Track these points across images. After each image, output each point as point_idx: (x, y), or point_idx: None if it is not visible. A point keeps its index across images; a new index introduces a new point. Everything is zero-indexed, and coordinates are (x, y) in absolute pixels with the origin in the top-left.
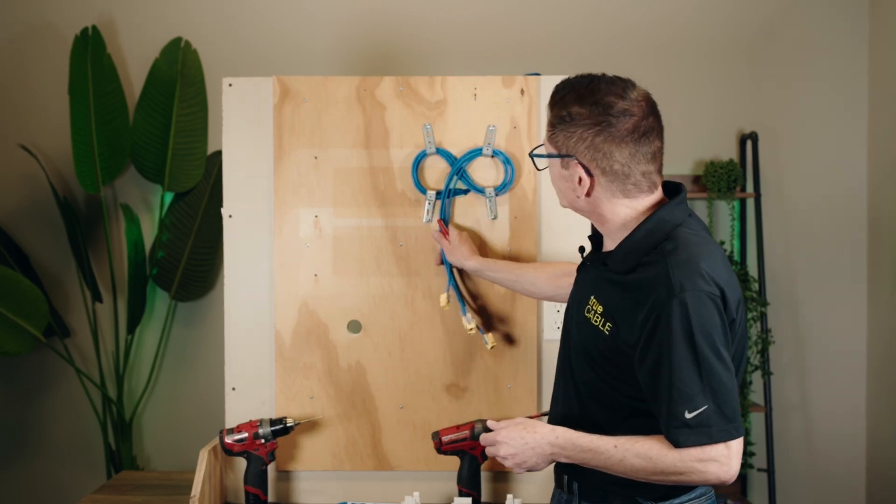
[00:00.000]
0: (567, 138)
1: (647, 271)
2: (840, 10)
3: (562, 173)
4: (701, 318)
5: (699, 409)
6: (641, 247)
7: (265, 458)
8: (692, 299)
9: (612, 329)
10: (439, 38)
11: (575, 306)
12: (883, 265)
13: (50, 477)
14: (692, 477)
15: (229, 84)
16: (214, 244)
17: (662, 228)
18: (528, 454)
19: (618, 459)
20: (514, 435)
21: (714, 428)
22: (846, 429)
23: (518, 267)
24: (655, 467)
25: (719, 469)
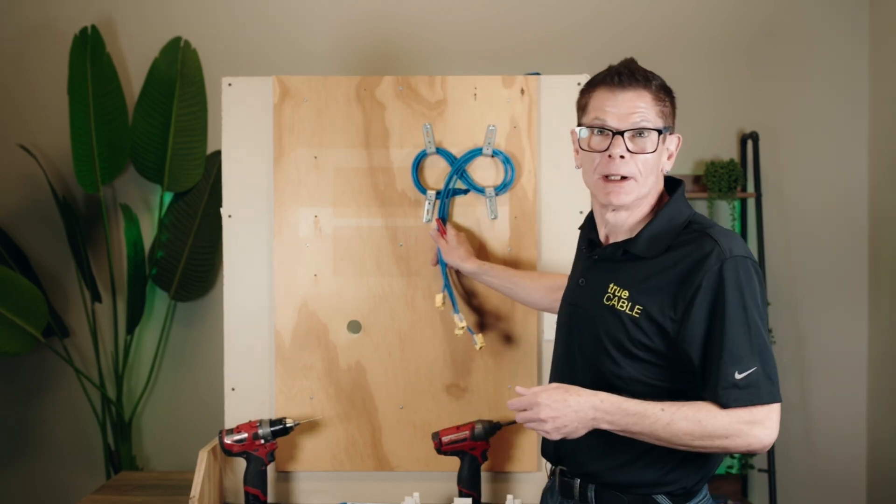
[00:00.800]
0: (674, 109)
1: (689, 247)
2: (840, 10)
3: (660, 148)
4: (750, 280)
5: (749, 370)
6: (666, 231)
7: (265, 459)
8: (742, 263)
9: (641, 311)
10: (439, 37)
11: (589, 299)
12: (883, 265)
13: (49, 477)
14: (737, 441)
15: (229, 84)
16: (214, 244)
17: (680, 216)
18: (571, 417)
19: (665, 423)
20: (557, 397)
21: (762, 389)
22: (846, 429)
23: (514, 275)
24: (704, 430)
25: (762, 432)
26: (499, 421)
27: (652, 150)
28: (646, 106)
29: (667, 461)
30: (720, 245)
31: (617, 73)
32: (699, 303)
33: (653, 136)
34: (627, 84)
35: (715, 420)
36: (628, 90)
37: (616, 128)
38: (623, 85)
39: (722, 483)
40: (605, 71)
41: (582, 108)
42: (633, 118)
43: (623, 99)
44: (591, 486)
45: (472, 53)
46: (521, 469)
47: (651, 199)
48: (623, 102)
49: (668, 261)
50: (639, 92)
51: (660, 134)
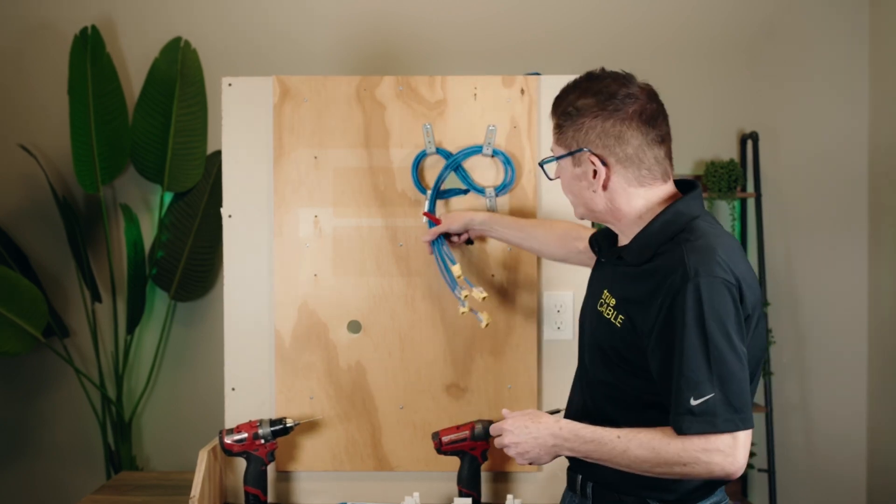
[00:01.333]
0: (577, 131)
1: (664, 259)
2: (840, 10)
3: (574, 173)
4: (714, 303)
5: (705, 397)
6: (658, 238)
7: (265, 459)
8: (706, 284)
9: (624, 322)
10: (439, 37)
11: (590, 302)
12: (883, 265)
13: (49, 477)
14: (696, 469)
15: (229, 84)
16: (214, 244)
17: (679, 220)
18: (531, 444)
19: (621, 450)
20: (519, 424)
21: (719, 417)
22: (846, 429)
23: (527, 224)
24: (658, 457)
25: (724, 460)
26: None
27: (552, 177)
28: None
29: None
30: (687, 264)
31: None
32: (661, 322)
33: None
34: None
35: (669, 448)
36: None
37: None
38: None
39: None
40: None
41: None
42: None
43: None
44: (589, 483)
45: (472, 53)
46: (521, 469)
47: (625, 214)
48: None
49: (648, 271)
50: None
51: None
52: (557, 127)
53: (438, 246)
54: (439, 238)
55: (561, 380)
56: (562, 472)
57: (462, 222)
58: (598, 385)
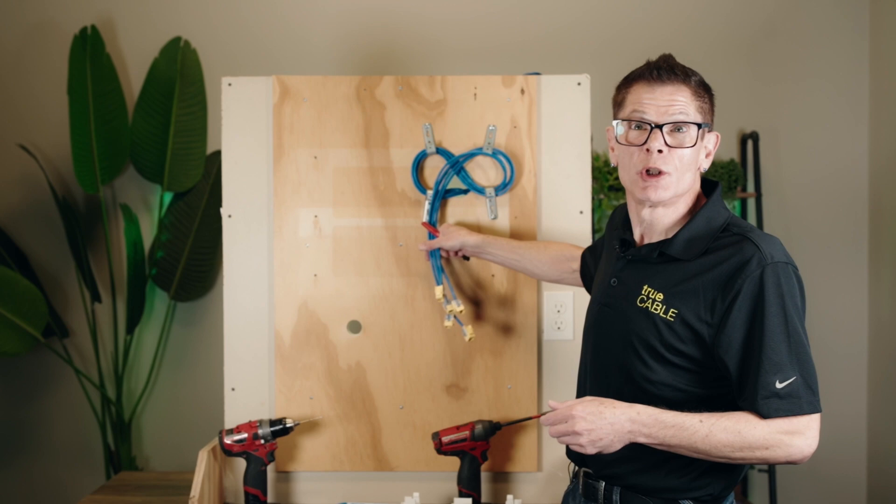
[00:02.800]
0: (712, 106)
1: (728, 250)
2: (840, 10)
3: (699, 146)
4: (791, 287)
5: (789, 380)
6: (705, 233)
7: (265, 459)
8: (782, 269)
9: (676, 315)
10: (439, 36)
11: (621, 300)
12: (884, 265)
13: (49, 477)
14: (777, 452)
15: (229, 84)
16: (214, 244)
17: (718, 218)
18: (606, 430)
19: (703, 434)
20: (592, 409)
21: (803, 400)
22: (846, 429)
23: (520, 246)
24: (743, 441)
25: (803, 443)
26: (499, 421)
27: (691, 144)
28: (685, 100)
29: (693, 467)
30: (761, 250)
31: (656, 67)
32: (738, 309)
33: (692, 131)
34: (666, 78)
35: (755, 431)
36: (667, 84)
37: (655, 121)
38: (662, 79)
39: None
40: (642, 66)
41: (619, 104)
42: (672, 112)
43: (662, 93)
44: (616, 488)
45: (472, 53)
46: (521, 469)
47: (688, 198)
48: (662, 96)
49: (705, 264)
50: (678, 86)
51: (699, 129)
52: (698, 95)
53: (433, 258)
54: (436, 249)
55: (561, 380)
56: (563, 472)
57: (457, 241)
58: (641, 380)
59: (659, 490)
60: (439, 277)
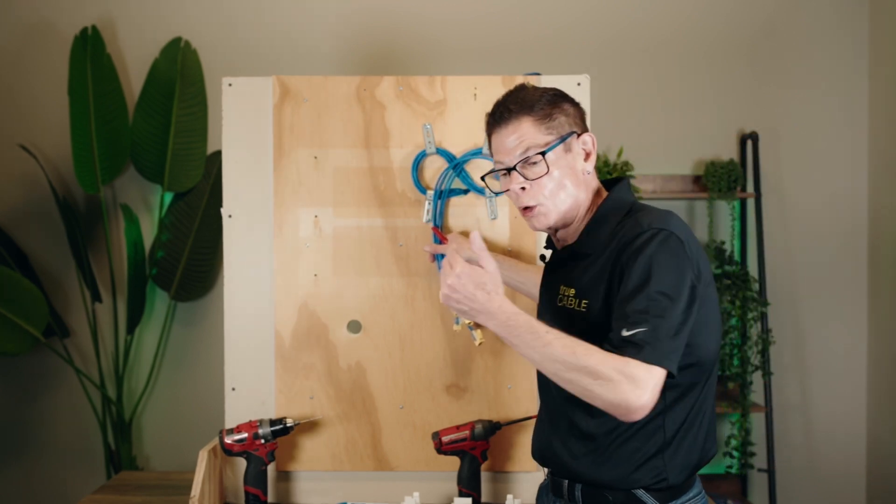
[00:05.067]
0: (566, 115)
1: (622, 233)
2: (840, 11)
3: (567, 160)
4: (665, 251)
5: (637, 329)
6: (606, 223)
7: (265, 459)
8: (660, 235)
9: (588, 304)
10: (439, 36)
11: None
12: (883, 265)
13: (50, 477)
14: (604, 388)
15: (229, 84)
16: (214, 244)
17: (619, 207)
18: (466, 303)
19: (544, 343)
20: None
21: (646, 349)
22: (846, 429)
23: (525, 269)
24: (577, 362)
25: (632, 391)
26: (499, 421)
27: (543, 172)
28: (528, 133)
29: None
30: (641, 223)
31: (493, 114)
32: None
33: (541, 160)
34: (504, 121)
35: (589, 357)
36: (507, 126)
37: (508, 165)
38: (500, 123)
39: (722, 483)
40: (488, 115)
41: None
42: (517, 151)
43: (504, 135)
44: (577, 485)
45: (472, 53)
46: (521, 469)
47: (583, 204)
48: (506, 139)
49: (606, 252)
50: (517, 123)
51: (544, 154)
52: (544, 117)
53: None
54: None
55: None
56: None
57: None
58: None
59: (614, 482)
60: None
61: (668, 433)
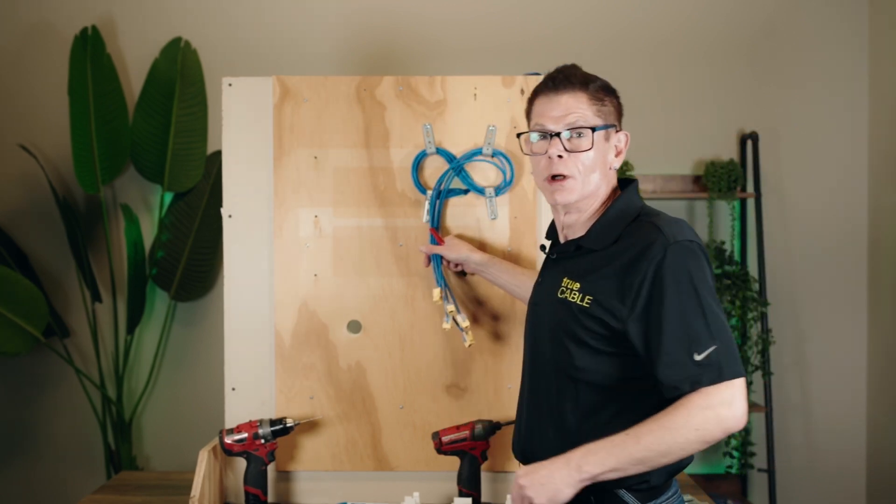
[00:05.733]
0: (615, 108)
1: (635, 236)
2: (840, 11)
3: (604, 146)
4: (698, 264)
5: (708, 350)
6: (617, 223)
7: (265, 459)
8: (686, 247)
9: (591, 301)
10: (439, 36)
11: (545, 297)
12: (883, 265)
13: (49, 477)
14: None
15: (229, 84)
16: (214, 244)
17: (629, 210)
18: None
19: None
20: (529, 471)
21: (725, 368)
22: (846, 429)
23: (521, 273)
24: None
25: (729, 411)
26: (499, 421)
27: (588, 147)
28: (581, 106)
29: None
30: (663, 232)
31: (552, 78)
32: (647, 290)
33: (588, 135)
34: (562, 88)
35: (675, 418)
36: (563, 94)
37: (553, 130)
38: (558, 89)
39: (722, 483)
40: (544, 78)
41: (527, 116)
42: (567, 119)
43: (558, 102)
44: None
45: (472, 53)
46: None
47: (601, 196)
48: (558, 105)
49: (616, 251)
50: (574, 94)
51: (594, 132)
52: (597, 99)
53: (435, 262)
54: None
55: None
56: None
57: (460, 256)
58: (561, 370)
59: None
60: (439, 280)
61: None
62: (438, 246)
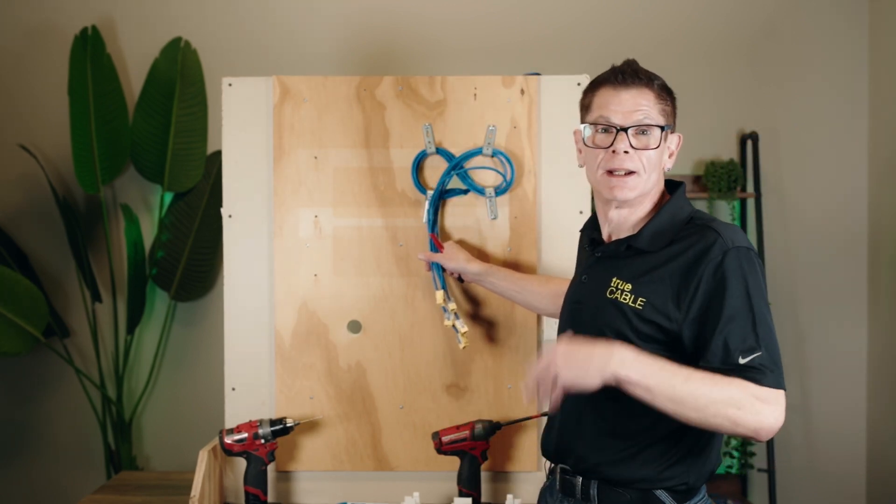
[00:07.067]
0: (675, 109)
1: (691, 239)
2: (840, 11)
3: (663, 146)
4: (753, 270)
5: (752, 355)
6: (669, 226)
7: (265, 459)
8: (744, 253)
9: (644, 303)
10: (439, 36)
11: (590, 295)
12: (883, 265)
13: (49, 477)
14: (746, 415)
15: (229, 84)
16: (214, 244)
17: (682, 213)
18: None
19: (684, 377)
20: (572, 342)
21: (766, 375)
22: (846, 429)
23: (521, 279)
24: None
25: (772, 413)
26: (499, 421)
27: (655, 145)
28: (648, 104)
29: (666, 456)
30: (722, 236)
31: (621, 72)
32: (703, 293)
33: (655, 133)
34: (630, 83)
35: (730, 386)
36: (631, 88)
37: (620, 124)
38: (626, 83)
39: (722, 483)
40: (608, 71)
41: (586, 108)
42: (636, 115)
43: (626, 97)
44: (593, 482)
45: (472, 53)
46: (521, 469)
47: (653, 196)
48: (626, 100)
49: (670, 254)
50: (641, 90)
51: (662, 130)
52: (661, 98)
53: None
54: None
55: None
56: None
57: (457, 266)
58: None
59: (635, 481)
60: (440, 283)
61: (699, 437)
62: (437, 254)
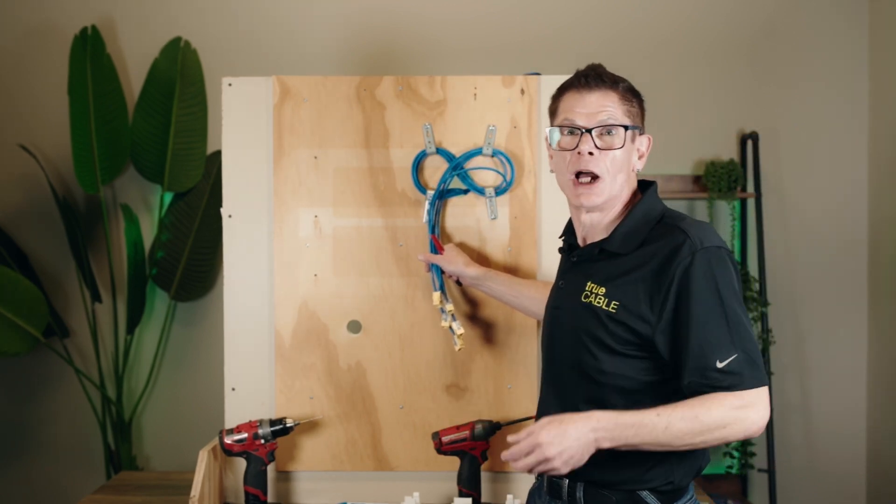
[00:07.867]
0: (642, 111)
1: (661, 240)
2: (840, 11)
3: (630, 148)
4: (724, 270)
5: (729, 358)
6: (641, 225)
7: (265, 459)
8: (713, 253)
9: (618, 306)
10: (439, 36)
11: (567, 300)
12: (884, 265)
13: (49, 477)
14: (735, 429)
15: (229, 84)
16: (214, 244)
17: (653, 212)
18: (574, 446)
19: (663, 427)
20: (556, 431)
21: (745, 376)
22: (846, 429)
23: (518, 284)
24: (702, 425)
25: (756, 415)
26: (499, 421)
27: (620, 145)
28: (612, 105)
29: (647, 458)
30: (690, 237)
31: (584, 76)
32: (674, 295)
33: (620, 133)
34: (594, 85)
35: (710, 413)
36: (595, 91)
37: (584, 126)
38: (590, 86)
39: (722, 483)
40: (573, 76)
41: (553, 113)
42: (599, 116)
43: (590, 99)
44: (579, 484)
45: (472, 53)
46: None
47: (624, 198)
48: (590, 103)
49: (642, 255)
50: (605, 92)
51: (626, 130)
52: (626, 100)
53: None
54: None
55: None
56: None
57: (456, 269)
58: (595, 373)
59: (619, 483)
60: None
61: None
62: (436, 256)
